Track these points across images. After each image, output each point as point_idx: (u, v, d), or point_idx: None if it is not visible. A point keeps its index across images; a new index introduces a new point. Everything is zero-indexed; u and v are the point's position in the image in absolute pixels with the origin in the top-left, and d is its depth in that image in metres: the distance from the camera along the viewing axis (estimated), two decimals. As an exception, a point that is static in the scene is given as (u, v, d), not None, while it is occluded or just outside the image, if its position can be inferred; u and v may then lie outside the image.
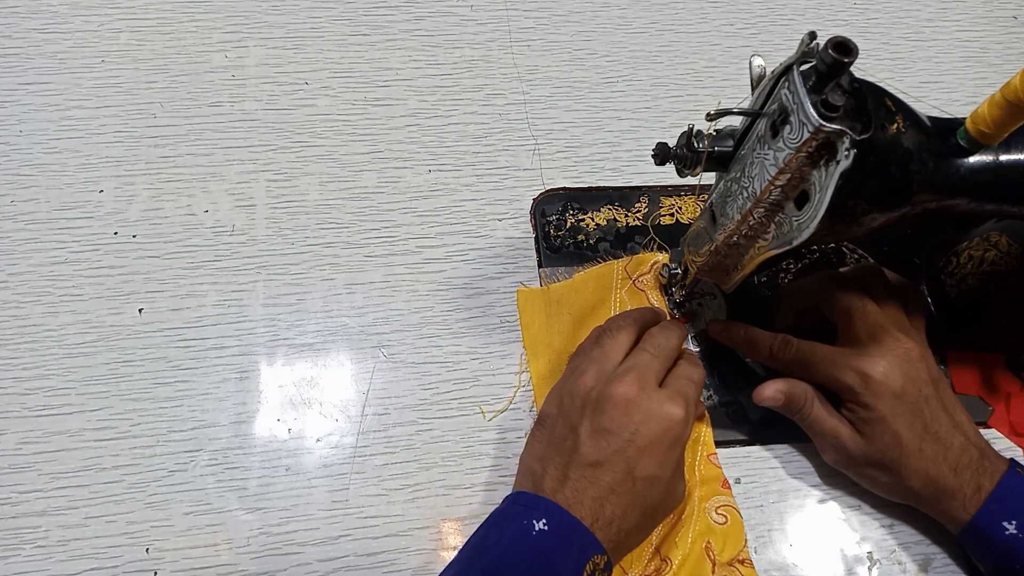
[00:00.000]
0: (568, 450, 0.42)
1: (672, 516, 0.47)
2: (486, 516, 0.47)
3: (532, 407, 0.52)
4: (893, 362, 0.45)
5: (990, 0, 0.72)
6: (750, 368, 0.54)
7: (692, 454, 0.50)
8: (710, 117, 0.38)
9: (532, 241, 0.57)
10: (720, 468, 0.50)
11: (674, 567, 0.46)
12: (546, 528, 0.39)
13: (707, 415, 0.51)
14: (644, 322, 0.48)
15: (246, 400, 0.50)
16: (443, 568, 0.40)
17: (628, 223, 0.58)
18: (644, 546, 0.47)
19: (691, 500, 0.48)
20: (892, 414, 0.45)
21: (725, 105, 0.39)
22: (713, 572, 0.46)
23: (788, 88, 0.37)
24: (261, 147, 0.58)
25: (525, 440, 0.49)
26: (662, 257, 0.54)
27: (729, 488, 0.49)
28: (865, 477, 0.48)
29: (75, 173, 0.55)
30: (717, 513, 0.48)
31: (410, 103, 0.61)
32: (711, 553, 0.47)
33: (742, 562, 0.47)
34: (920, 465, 0.45)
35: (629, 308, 0.53)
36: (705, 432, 0.51)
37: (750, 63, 0.39)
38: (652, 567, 0.46)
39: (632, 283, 0.54)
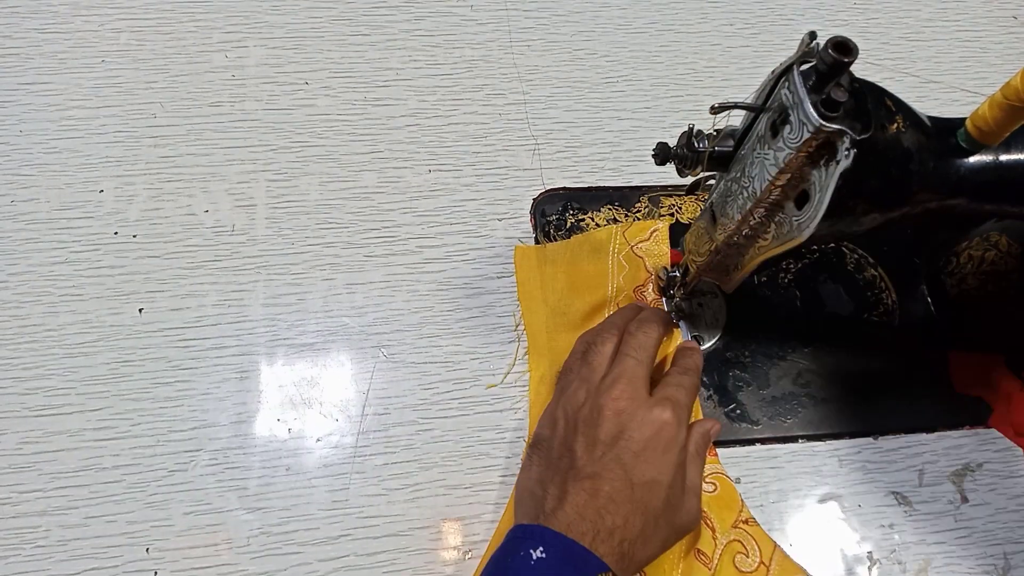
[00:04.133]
0: (565, 467, 0.43)
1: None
2: (485, 516, 0.47)
3: (526, 373, 0.52)
4: None
5: (990, 0, 0.72)
6: (749, 369, 0.54)
7: None
8: (714, 110, 0.38)
9: (532, 241, 0.57)
10: None
11: None
12: (544, 555, 0.38)
13: (698, 385, 0.52)
14: (626, 324, 0.48)
15: (246, 400, 0.50)
16: None
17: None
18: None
19: None
20: None
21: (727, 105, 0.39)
22: (714, 539, 0.47)
23: (788, 88, 0.36)
24: (261, 147, 0.58)
25: (521, 459, 0.49)
26: (662, 225, 0.54)
27: (716, 454, 0.50)
28: None
29: (75, 173, 0.55)
30: (707, 482, 0.49)
31: (410, 103, 0.61)
32: (709, 521, 0.47)
33: (746, 522, 0.48)
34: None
35: (628, 272, 0.54)
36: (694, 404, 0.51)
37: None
38: None
39: (630, 248, 0.54)
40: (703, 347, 0.54)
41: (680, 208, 0.59)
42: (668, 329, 0.51)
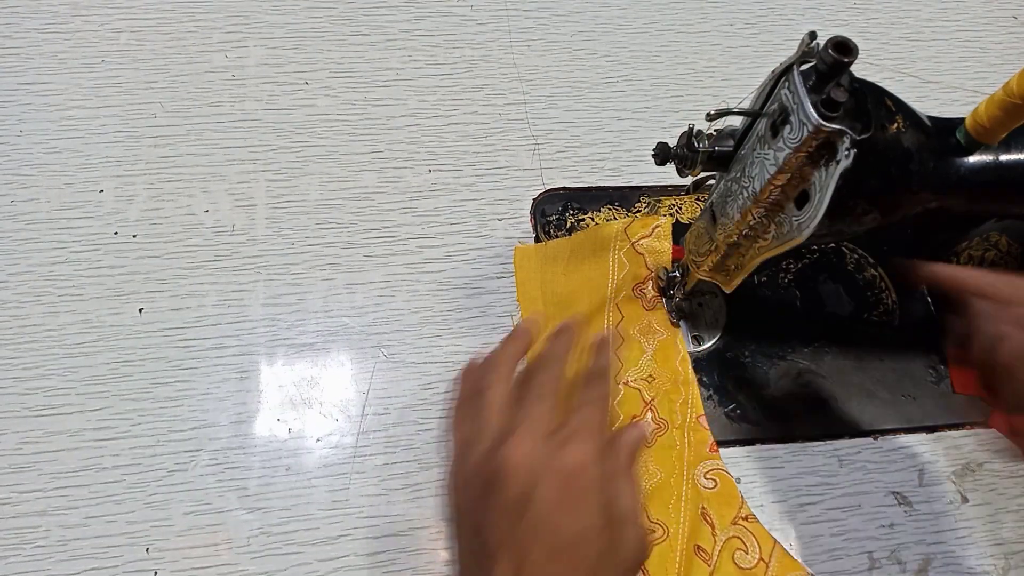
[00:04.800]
0: (480, 554, 0.35)
1: (660, 476, 0.47)
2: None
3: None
4: None
5: (990, 0, 0.72)
6: (749, 369, 0.54)
7: (682, 415, 0.51)
8: (710, 117, 0.38)
9: (532, 241, 0.57)
10: (708, 431, 0.50)
11: (670, 534, 0.46)
12: None
13: (692, 374, 0.52)
14: (514, 360, 0.40)
15: (246, 400, 0.50)
16: None
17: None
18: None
19: (680, 464, 0.49)
20: None
21: (725, 105, 0.39)
22: (713, 535, 0.47)
23: (788, 88, 0.37)
24: (261, 147, 0.58)
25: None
26: (664, 221, 0.54)
27: (717, 451, 0.50)
28: None
29: (75, 173, 0.55)
30: (706, 479, 0.49)
31: (410, 103, 0.61)
32: (708, 517, 0.48)
33: (746, 519, 0.48)
34: None
35: (628, 271, 0.54)
36: (692, 393, 0.51)
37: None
38: None
39: (632, 246, 0.54)
40: (703, 347, 0.54)
41: (680, 208, 0.59)
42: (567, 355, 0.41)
